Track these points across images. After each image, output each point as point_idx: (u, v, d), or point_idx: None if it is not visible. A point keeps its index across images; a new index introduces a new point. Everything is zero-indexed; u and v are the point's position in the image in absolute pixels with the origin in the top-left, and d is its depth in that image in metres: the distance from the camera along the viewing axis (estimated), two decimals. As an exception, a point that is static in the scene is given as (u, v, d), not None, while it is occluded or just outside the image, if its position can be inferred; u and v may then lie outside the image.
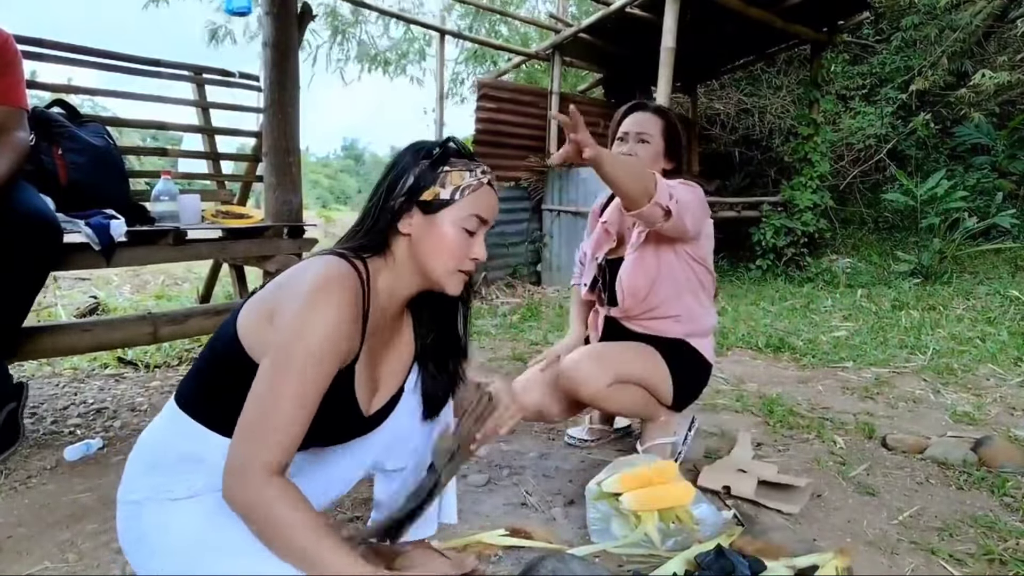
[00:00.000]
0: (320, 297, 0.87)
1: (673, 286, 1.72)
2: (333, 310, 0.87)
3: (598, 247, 1.89)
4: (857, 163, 7.35)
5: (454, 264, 1.00)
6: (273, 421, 0.84)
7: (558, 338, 3.63)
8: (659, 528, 1.39)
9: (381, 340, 1.06)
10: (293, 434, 0.85)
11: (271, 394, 0.85)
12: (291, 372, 0.85)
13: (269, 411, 0.84)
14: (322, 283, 0.88)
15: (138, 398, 2.45)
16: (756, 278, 5.85)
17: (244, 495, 0.83)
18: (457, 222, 0.99)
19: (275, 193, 2.55)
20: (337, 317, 0.87)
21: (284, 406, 0.84)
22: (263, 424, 0.84)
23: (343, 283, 0.90)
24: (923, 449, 1.95)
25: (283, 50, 2.47)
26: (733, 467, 1.74)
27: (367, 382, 1.03)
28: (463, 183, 0.99)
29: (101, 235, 1.91)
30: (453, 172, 0.99)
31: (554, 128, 6.38)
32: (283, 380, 0.85)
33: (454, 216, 0.99)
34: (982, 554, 1.38)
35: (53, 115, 2.25)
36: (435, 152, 1.00)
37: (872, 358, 3.12)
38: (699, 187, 1.71)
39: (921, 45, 7.42)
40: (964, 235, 5.42)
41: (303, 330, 0.86)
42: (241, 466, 0.83)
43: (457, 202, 0.98)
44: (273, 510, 0.82)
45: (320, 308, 0.87)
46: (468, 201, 0.99)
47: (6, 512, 1.53)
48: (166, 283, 5.37)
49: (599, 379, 1.62)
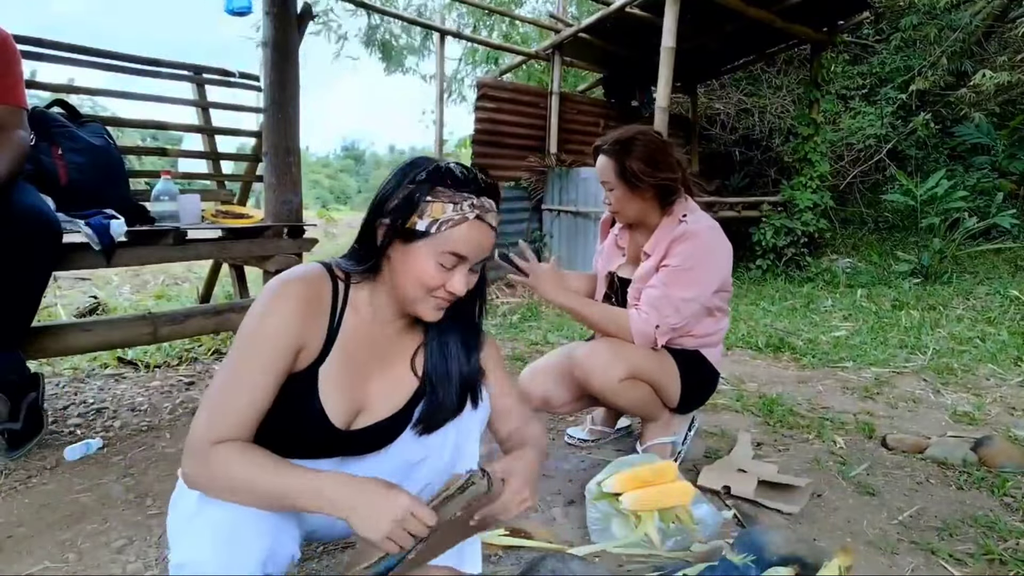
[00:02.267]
0: (275, 288, 0.94)
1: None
2: (282, 301, 0.92)
3: (609, 261, 1.87)
4: (857, 163, 7.35)
5: (423, 293, 0.96)
6: (216, 401, 0.88)
7: (558, 338, 3.65)
8: (659, 528, 1.39)
9: (372, 355, 1.04)
10: (237, 414, 0.88)
11: (218, 377, 0.90)
12: (233, 355, 0.91)
13: (214, 393, 0.89)
14: (282, 278, 0.95)
15: (138, 398, 2.45)
16: (756, 278, 5.85)
17: (199, 470, 0.86)
18: (431, 255, 0.94)
19: (275, 193, 2.55)
20: (286, 307, 0.92)
21: (227, 386, 0.89)
22: (209, 404, 0.88)
23: (304, 281, 0.95)
24: (923, 449, 1.95)
25: (283, 50, 2.47)
26: (733, 467, 1.74)
27: (343, 392, 1.00)
28: (443, 216, 0.93)
29: (101, 235, 1.91)
30: (435, 203, 0.93)
31: (554, 128, 6.38)
32: (227, 363, 0.91)
33: (429, 249, 0.93)
34: (982, 554, 1.38)
35: (53, 115, 2.24)
36: (419, 177, 0.94)
37: (872, 358, 3.11)
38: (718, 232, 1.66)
39: (921, 45, 7.41)
40: (964, 235, 5.42)
41: (252, 318, 0.92)
42: (189, 446, 0.87)
43: (432, 236, 0.93)
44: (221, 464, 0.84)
45: (271, 299, 0.93)
46: (444, 236, 0.93)
47: (6, 512, 1.54)
48: (166, 283, 5.37)
49: (613, 371, 1.61)
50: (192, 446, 0.87)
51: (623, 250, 1.84)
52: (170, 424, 2.16)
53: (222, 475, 0.85)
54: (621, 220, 1.78)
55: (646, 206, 1.69)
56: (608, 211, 1.77)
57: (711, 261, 1.64)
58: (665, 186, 1.66)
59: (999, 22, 7.27)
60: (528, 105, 6.39)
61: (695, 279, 1.61)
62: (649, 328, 1.61)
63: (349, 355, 1.00)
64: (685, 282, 1.60)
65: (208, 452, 0.85)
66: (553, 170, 6.16)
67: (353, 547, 1.39)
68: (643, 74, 6.69)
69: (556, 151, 6.34)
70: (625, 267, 1.82)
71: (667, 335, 1.64)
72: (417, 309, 0.98)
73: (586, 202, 5.84)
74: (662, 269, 1.64)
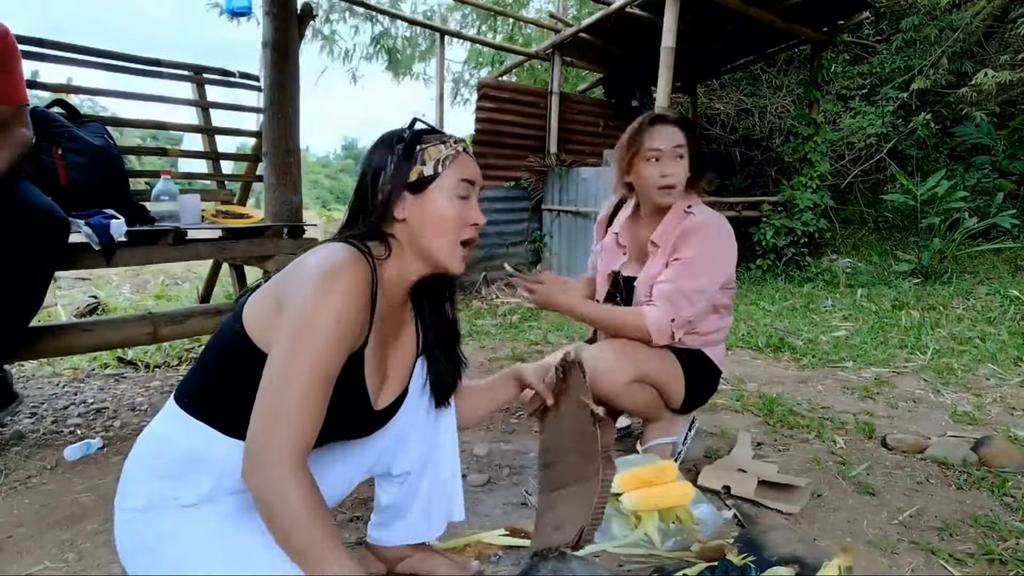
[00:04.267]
0: (330, 279, 0.86)
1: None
2: (343, 293, 0.86)
3: (611, 260, 1.85)
4: (857, 163, 7.35)
5: (455, 235, 1.00)
6: (287, 405, 0.82)
7: (558, 338, 3.65)
8: (659, 528, 1.39)
9: (389, 330, 1.06)
10: (308, 418, 0.83)
11: (284, 378, 0.83)
12: (303, 355, 0.83)
13: (282, 395, 0.82)
14: (332, 266, 0.87)
15: (138, 398, 2.45)
16: (756, 278, 5.85)
17: (260, 480, 0.81)
18: (447, 191, 1.00)
19: (275, 193, 2.55)
20: (348, 300, 0.87)
21: (297, 389, 0.82)
22: (277, 408, 0.82)
23: (353, 266, 0.89)
24: (923, 449, 1.95)
25: (283, 50, 2.47)
26: (733, 467, 1.74)
27: (376, 372, 1.02)
28: (441, 155, 1.00)
29: (101, 235, 1.91)
30: (429, 148, 1.00)
31: (554, 128, 6.38)
32: (295, 364, 0.83)
33: (443, 187, 1.00)
34: (982, 554, 1.38)
35: (53, 115, 2.24)
36: (406, 135, 1.01)
37: (872, 358, 3.11)
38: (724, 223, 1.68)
39: (921, 45, 7.41)
40: (964, 235, 5.42)
41: (314, 313, 0.84)
42: (258, 451, 0.81)
43: (442, 174, 1.00)
44: (287, 504, 0.80)
45: (331, 290, 0.85)
46: (452, 170, 1.00)
47: (6, 512, 1.54)
48: (166, 283, 5.37)
49: (621, 374, 1.61)
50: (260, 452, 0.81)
51: (624, 248, 1.83)
52: (170, 424, 2.16)
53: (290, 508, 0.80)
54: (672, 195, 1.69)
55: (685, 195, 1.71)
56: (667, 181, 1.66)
57: (720, 252, 1.65)
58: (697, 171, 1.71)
59: (999, 22, 7.26)
60: (528, 105, 6.39)
61: (705, 270, 1.61)
62: (665, 323, 1.60)
63: (379, 334, 1.01)
64: (695, 273, 1.60)
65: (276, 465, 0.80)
66: (553, 170, 6.16)
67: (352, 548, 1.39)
68: (643, 74, 6.69)
69: (556, 151, 6.33)
70: (628, 265, 1.81)
71: (682, 328, 1.63)
72: (447, 261, 1.01)
73: (586, 202, 5.84)
74: (672, 264, 1.63)
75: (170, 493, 0.91)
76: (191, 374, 1.00)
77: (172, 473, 0.92)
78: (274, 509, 0.80)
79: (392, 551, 1.23)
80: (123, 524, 0.93)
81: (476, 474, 1.77)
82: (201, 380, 0.97)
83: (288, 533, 0.80)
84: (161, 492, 0.91)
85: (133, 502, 0.92)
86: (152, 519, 0.90)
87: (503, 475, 1.79)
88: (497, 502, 1.62)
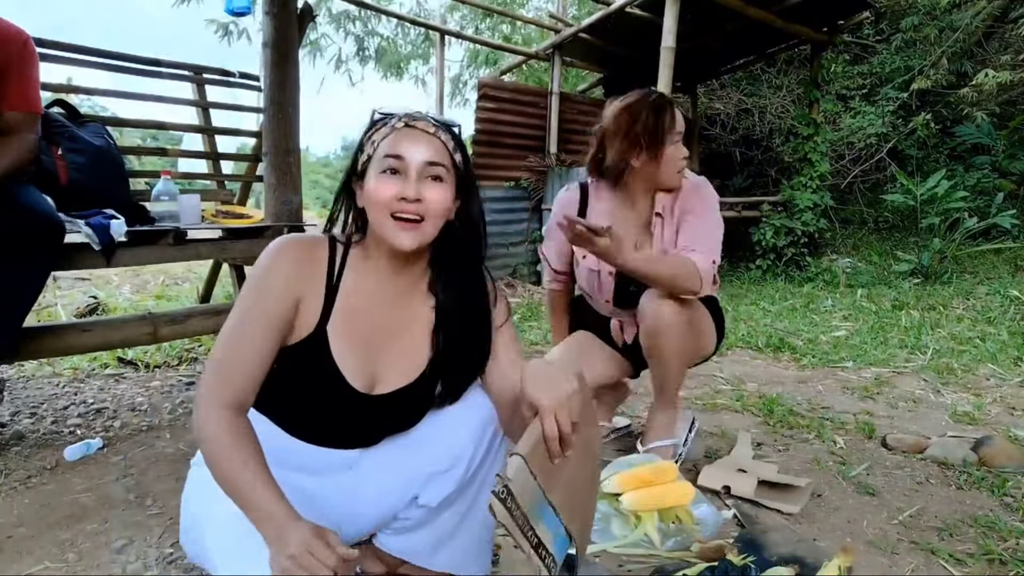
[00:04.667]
0: (269, 248, 0.98)
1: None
2: (277, 255, 0.97)
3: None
4: (857, 163, 7.35)
5: (384, 210, 0.96)
6: (220, 356, 0.93)
7: (558, 338, 3.64)
8: (659, 528, 1.39)
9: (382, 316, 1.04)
10: (240, 368, 0.92)
11: (220, 336, 0.95)
12: (235, 312, 0.95)
13: (218, 349, 0.94)
14: (278, 242, 0.99)
15: (138, 398, 2.45)
16: (756, 278, 5.85)
17: (193, 420, 0.90)
18: (375, 169, 0.97)
19: (275, 193, 2.55)
20: (280, 259, 0.97)
21: (224, 339, 0.94)
22: (214, 360, 0.93)
23: (298, 240, 0.99)
24: (923, 449, 1.95)
25: (283, 50, 2.47)
26: (733, 467, 1.74)
27: (357, 352, 1.01)
28: (380, 136, 0.99)
29: (101, 235, 1.91)
30: (375, 132, 1.00)
31: (554, 128, 6.38)
32: (229, 320, 0.95)
33: (374, 169, 0.97)
34: (982, 554, 1.38)
35: (53, 115, 2.24)
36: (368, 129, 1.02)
37: (872, 358, 3.11)
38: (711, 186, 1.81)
39: (921, 45, 7.41)
40: (964, 235, 5.42)
41: (250, 278, 0.98)
42: (198, 398, 0.92)
43: (373, 155, 0.98)
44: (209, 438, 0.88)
45: (266, 256, 0.97)
46: (381, 147, 0.97)
47: (6, 512, 1.54)
48: (166, 283, 5.37)
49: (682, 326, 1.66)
50: (200, 399, 0.91)
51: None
52: (170, 424, 2.16)
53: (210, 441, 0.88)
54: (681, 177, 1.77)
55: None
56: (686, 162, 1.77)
57: (716, 200, 1.79)
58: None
59: (999, 22, 7.26)
60: (528, 105, 6.39)
61: (717, 219, 1.76)
62: (709, 267, 1.67)
63: (356, 313, 1.02)
64: (713, 223, 1.74)
65: (211, 412, 0.89)
66: (553, 170, 6.15)
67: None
68: (643, 74, 6.67)
69: (556, 151, 6.33)
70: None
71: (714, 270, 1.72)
72: (389, 237, 0.96)
73: (586, 202, 5.82)
74: (686, 221, 1.72)
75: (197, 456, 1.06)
76: None
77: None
78: (203, 445, 0.89)
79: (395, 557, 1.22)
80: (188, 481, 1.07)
81: (476, 474, 1.76)
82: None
83: (213, 467, 0.88)
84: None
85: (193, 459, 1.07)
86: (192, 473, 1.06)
87: (503, 475, 1.78)
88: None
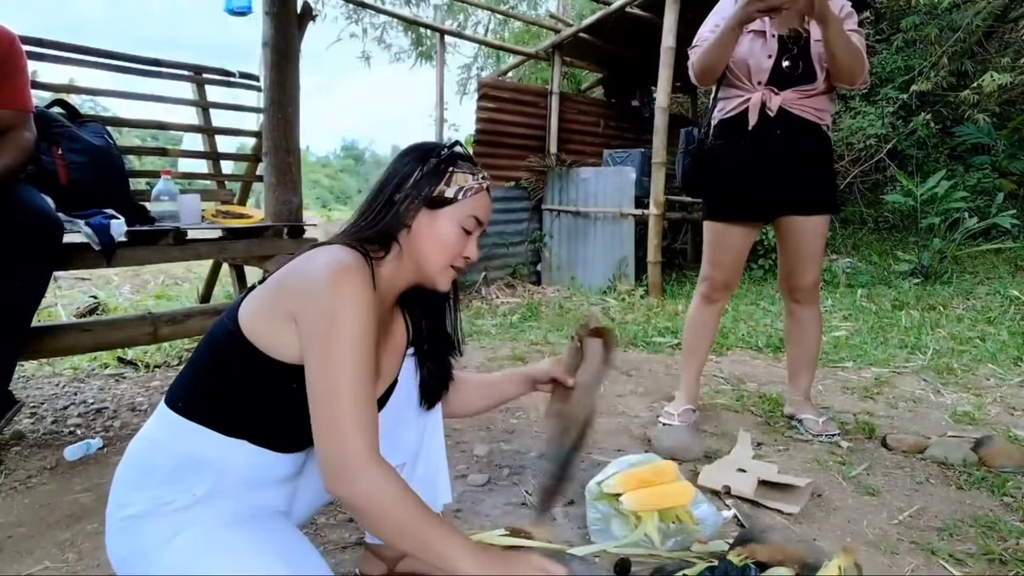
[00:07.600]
0: (345, 280, 0.88)
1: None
2: (358, 294, 0.89)
3: (785, 21, 1.90)
4: (857, 163, 7.34)
5: (447, 260, 1.04)
6: (344, 411, 0.85)
7: (558, 338, 3.65)
8: (659, 528, 1.39)
9: (381, 326, 1.07)
10: (367, 416, 0.87)
11: (332, 388, 0.86)
12: (341, 361, 0.86)
13: (337, 404, 0.85)
14: (341, 269, 0.89)
15: (138, 398, 2.45)
16: (757, 278, 5.85)
17: (350, 492, 0.84)
18: (456, 220, 1.03)
19: (275, 193, 2.55)
20: (364, 298, 0.89)
21: (348, 394, 0.85)
22: (336, 418, 0.85)
23: (358, 267, 0.92)
24: (923, 449, 1.95)
25: (283, 50, 2.47)
26: (733, 467, 1.74)
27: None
28: (467, 184, 1.04)
29: (101, 235, 1.91)
30: (459, 173, 1.04)
31: (554, 128, 6.38)
32: (338, 372, 0.86)
33: (455, 214, 1.03)
34: (982, 554, 1.38)
35: (53, 115, 2.25)
36: (443, 153, 1.05)
37: (872, 358, 3.11)
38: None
39: (922, 45, 7.40)
40: (964, 235, 5.41)
41: (341, 316, 0.87)
42: (337, 464, 0.84)
43: (459, 202, 1.03)
44: (385, 507, 0.84)
45: (348, 291, 0.88)
46: (469, 202, 1.04)
47: (6, 512, 1.54)
48: (166, 283, 5.37)
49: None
50: (347, 459, 0.84)
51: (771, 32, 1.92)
52: (170, 424, 2.16)
53: (395, 506, 0.84)
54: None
55: None
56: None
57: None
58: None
59: (999, 22, 7.26)
60: (528, 105, 6.39)
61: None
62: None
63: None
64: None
65: (374, 472, 0.84)
66: (553, 170, 6.16)
67: (352, 548, 1.39)
68: (643, 74, 6.69)
69: (556, 151, 6.34)
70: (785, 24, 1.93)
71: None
72: (436, 278, 1.05)
73: (586, 202, 5.84)
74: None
75: (165, 499, 0.90)
76: (183, 377, 0.98)
77: (166, 479, 0.91)
78: (374, 514, 0.84)
79: (392, 550, 1.23)
80: (115, 533, 0.92)
81: (476, 474, 1.77)
82: (195, 383, 0.96)
83: (399, 533, 0.84)
84: (155, 499, 0.90)
85: (126, 511, 0.91)
86: (145, 525, 0.89)
87: (503, 475, 1.79)
88: (497, 502, 1.62)
